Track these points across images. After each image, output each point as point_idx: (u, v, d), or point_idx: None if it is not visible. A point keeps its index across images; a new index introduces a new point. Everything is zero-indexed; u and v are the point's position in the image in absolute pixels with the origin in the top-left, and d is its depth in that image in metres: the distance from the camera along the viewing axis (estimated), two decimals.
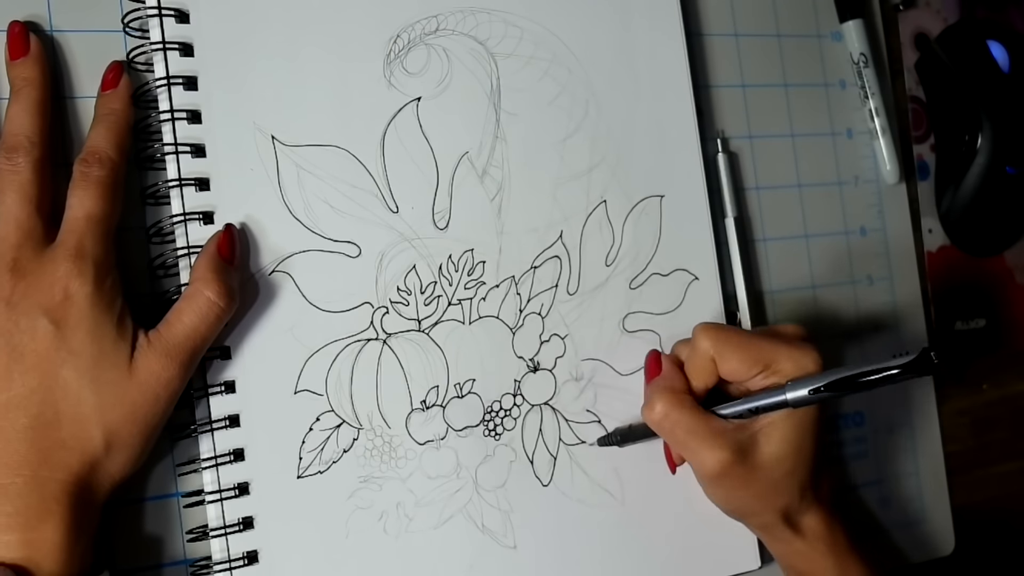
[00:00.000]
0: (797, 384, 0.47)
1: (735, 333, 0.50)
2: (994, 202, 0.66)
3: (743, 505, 0.50)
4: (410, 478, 0.49)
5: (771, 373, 0.48)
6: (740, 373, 0.49)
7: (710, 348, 0.49)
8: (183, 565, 0.45)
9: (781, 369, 0.48)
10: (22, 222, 0.41)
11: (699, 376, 0.50)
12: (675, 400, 0.49)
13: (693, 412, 0.49)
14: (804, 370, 0.48)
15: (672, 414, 0.49)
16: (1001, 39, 0.67)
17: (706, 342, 0.49)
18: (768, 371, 0.48)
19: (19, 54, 0.43)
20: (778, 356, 0.48)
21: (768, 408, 0.48)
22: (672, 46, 0.57)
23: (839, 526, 0.51)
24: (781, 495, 0.49)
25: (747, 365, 0.49)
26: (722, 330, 0.50)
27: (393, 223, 0.49)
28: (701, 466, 0.49)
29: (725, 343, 0.49)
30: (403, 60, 0.50)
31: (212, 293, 0.43)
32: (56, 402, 0.40)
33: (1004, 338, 0.68)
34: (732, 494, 0.50)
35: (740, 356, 0.49)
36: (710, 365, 0.49)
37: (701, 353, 0.49)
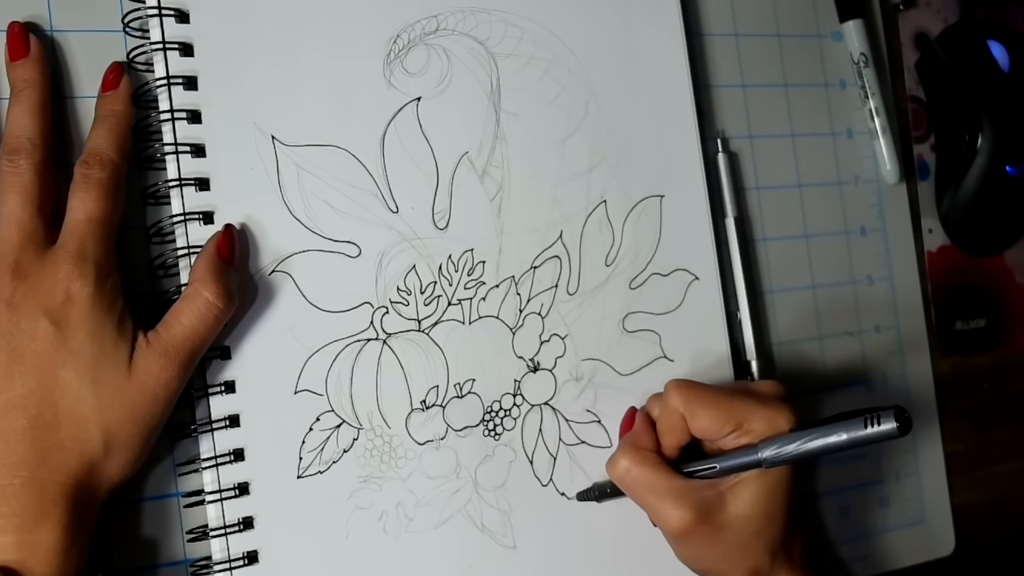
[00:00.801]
0: (767, 444, 0.46)
1: (707, 391, 0.48)
2: (994, 202, 0.66)
3: (710, 565, 0.49)
4: (410, 478, 0.49)
5: (743, 433, 0.47)
6: (711, 431, 0.48)
7: (679, 405, 0.48)
8: (183, 565, 0.45)
9: (753, 429, 0.47)
10: (24, 224, 0.41)
11: (670, 433, 0.49)
12: (638, 457, 0.48)
13: (655, 469, 0.48)
14: (776, 430, 0.47)
15: (633, 470, 0.48)
16: (1001, 39, 0.67)
17: (676, 399, 0.48)
18: (740, 431, 0.47)
19: (19, 55, 0.43)
20: (751, 416, 0.47)
21: (736, 468, 0.47)
22: (672, 46, 0.57)
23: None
24: (750, 556, 0.48)
25: (718, 424, 0.47)
26: (693, 387, 0.49)
27: (393, 223, 0.49)
28: (664, 524, 0.48)
29: (696, 401, 0.48)
30: (403, 60, 0.50)
31: (211, 294, 0.43)
32: (56, 403, 0.40)
33: (1004, 338, 0.68)
34: (698, 554, 0.48)
35: (711, 414, 0.48)
36: (680, 422, 0.48)
37: (671, 410, 0.48)
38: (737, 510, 0.47)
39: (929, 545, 0.63)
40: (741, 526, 0.47)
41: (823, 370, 0.60)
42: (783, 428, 0.47)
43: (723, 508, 0.47)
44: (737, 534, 0.47)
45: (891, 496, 0.62)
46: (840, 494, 0.60)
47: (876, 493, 0.61)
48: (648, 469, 0.48)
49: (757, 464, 0.46)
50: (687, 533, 0.47)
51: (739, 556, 0.48)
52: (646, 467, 0.48)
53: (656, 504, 0.48)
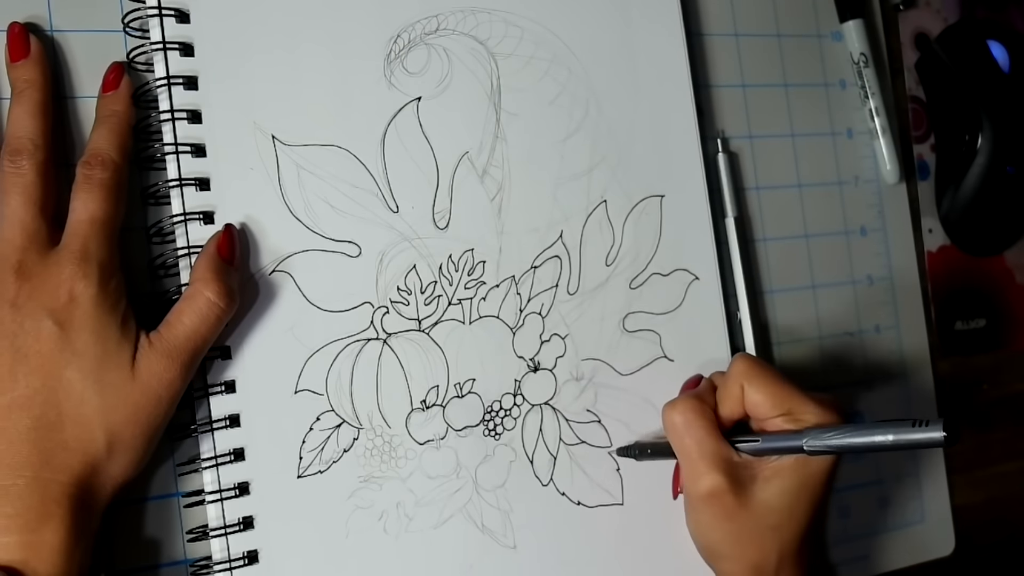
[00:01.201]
0: (812, 431, 0.46)
1: (770, 370, 0.49)
2: (994, 202, 0.66)
3: (717, 543, 0.49)
4: (410, 478, 0.49)
5: (792, 419, 0.48)
6: (763, 409, 0.48)
7: (741, 375, 0.49)
8: (183, 565, 0.45)
9: (802, 418, 0.48)
10: (27, 225, 0.41)
11: (727, 402, 0.50)
12: (697, 407, 0.49)
13: (708, 425, 0.48)
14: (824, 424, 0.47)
15: (689, 415, 0.48)
16: (1001, 39, 0.67)
17: (739, 367, 0.49)
18: (789, 416, 0.48)
19: (20, 56, 0.43)
20: (803, 406, 0.48)
21: (778, 449, 0.47)
22: (672, 46, 0.57)
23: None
24: (758, 548, 0.48)
25: (772, 402, 0.48)
26: (758, 362, 0.50)
27: (393, 223, 0.49)
28: (694, 482, 0.48)
29: (757, 375, 0.49)
30: (403, 60, 0.50)
31: (212, 294, 0.43)
32: (59, 403, 0.40)
33: (1004, 338, 0.68)
34: (711, 525, 0.48)
35: (768, 391, 0.48)
36: (738, 392, 0.49)
37: (732, 377, 0.49)
38: (764, 495, 0.47)
39: (929, 545, 0.63)
40: (762, 513, 0.47)
41: (823, 370, 0.60)
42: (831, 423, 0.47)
43: (752, 489, 0.47)
44: (756, 519, 0.47)
45: (891, 496, 0.62)
46: (840, 494, 0.60)
47: (876, 493, 0.61)
48: (702, 422, 0.48)
49: (798, 448, 0.46)
50: (711, 498, 0.47)
51: (749, 543, 0.48)
52: (702, 419, 0.48)
53: (696, 457, 0.48)
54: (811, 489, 0.48)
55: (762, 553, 0.48)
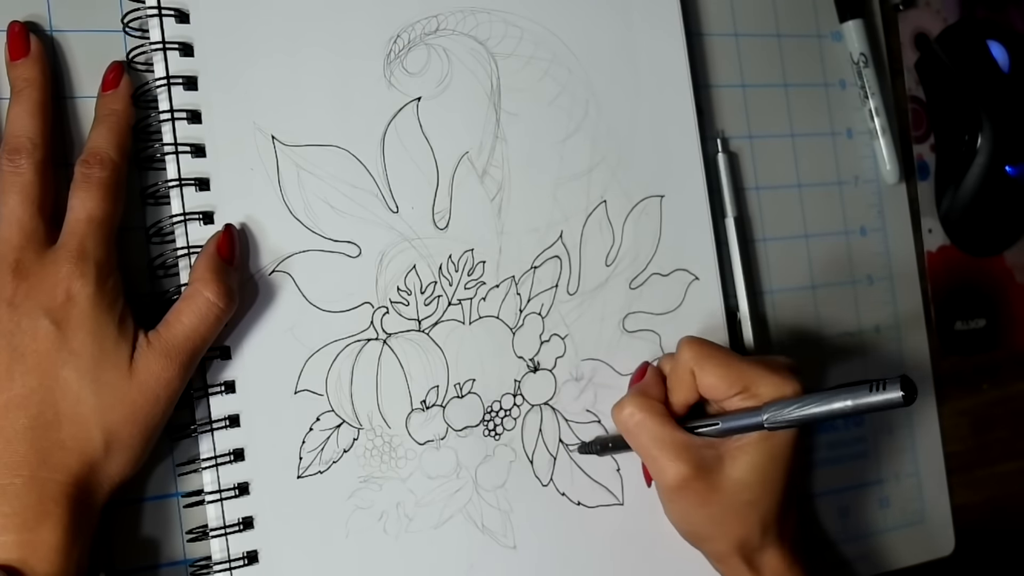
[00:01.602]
0: (770, 406, 0.46)
1: (718, 350, 0.49)
2: (994, 202, 0.66)
3: (699, 527, 0.49)
4: (410, 478, 0.49)
5: (749, 396, 0.48)
6: (718, 390, 0.48)
7: (690, 360, 0.48)
8: (183, 565, 0.45)
9: (759, 393, 0.47)
10: (25, 223, 0.41)
11: (679, 389, 0.49)
12: (644, 404, 0.48)
13: (661, 419, 0.48)
14: (783, 397, 0.47)
15: (637, 415, 0.48)
16: (1001, 39, 0.67)
17: (688, 353, 0.49)
18: (746, 393, 0.48)
19: (19, 55, 0.43)
20: (759, 380, 0.47)
21: (738, 429, 0.47)
22: (672, 46, 0.57)
23: (801, 568, 0.49)
24: (740, 524, 0.48)
25: (726, 383, 0.48)
26: (705, 344, 0.49)
27: (393, 223, 0.49)
28: (660, 476, 0.48)
29: (706, 358, 0.48)
30: (403, 60, 0.50)
31: (211, 294, 0.43)
32: (56, 403, 0.40)
33: (1004, 338, 0.68)
34: (689, 512, 0.48)
35: (720, 373, 0.48)
36: (689, 378, 0.49)
37: (682, 364, 0.49)
38: (735, 474, 0.47)
39: (929, 545, 0.63)
40: (736, 491, 0.47)
41: (823, 370, 0.60)
42: (789, 395, 0.47)
43: (721, 469, 0.47)
44: (731, 498, 0.47)
45: (891, 496, 0.62)
46: (840, 494, 0.60)
47: (876, 493, 0.61)
48: (653, 417, 0.48)
49: (759, 425, 0.46)
50: (681, 487, 0.47)
51: (730, 522, 0.48)
52: (652, 415, 0.48)
53: (656, 453, 0.48)
54: (780, 459, 0.48)
55: (745, 528, 0.48)
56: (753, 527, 0.48)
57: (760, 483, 0.48)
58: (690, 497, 0.48)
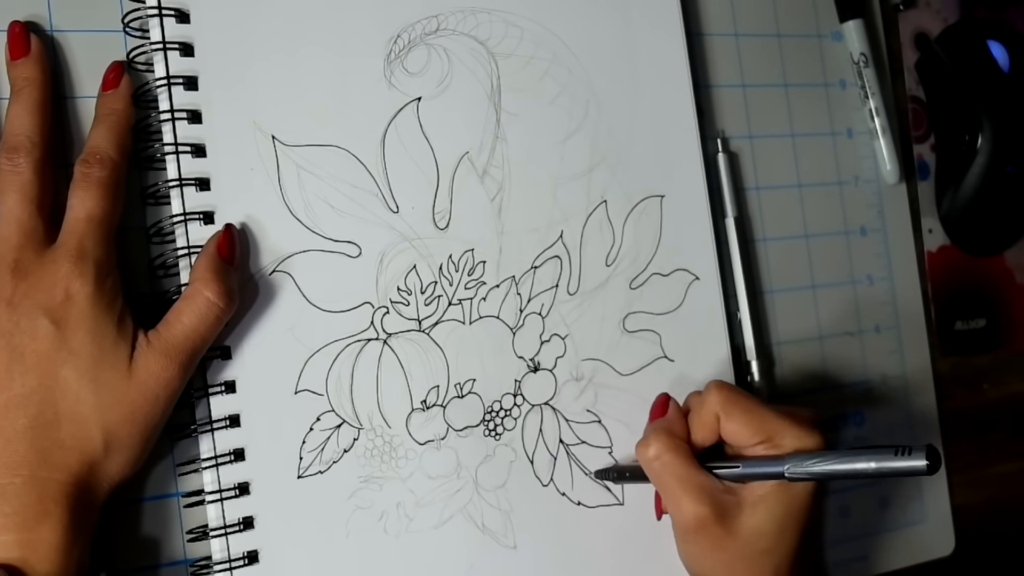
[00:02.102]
0: (793, 457, 0.46)
1: (745, 398, 0.49)
2: (994, 202, 0.66)
3: (710, 571, 0.48)
4: (410, 478, 0.49)
5: (772, 446, 0.47)
6: (741, 437, 0.48)
7: (717, 405, 0.48)
8: (183, 565, 0.45)
9: (782, 445, 0.47)
10: (24, 223, 0.41)
11: (701, 430, 0.49)
12: (671, 444, 0.48)
13: (686, 460, 0.48)
14: (805, 450, 0.47)
15: (665, 456, 0.48)
16: (1001, 39, 0.67)
17: (715, 397, 0.48)
18: (769, 444, 0.47)
19: (20, 54, 0.43)
20: (783, 431, 0.47)
21: (758, 475, 0.47)
22: (672, 46, 0.57)
23: None
24: (751, 573, 0.47)
25: (750, 431, 0.48)
26: (733, 391, 0.49)
27: (393, 223, 0.49)
28: (679, 516, 0.48)
29: (733, 404, 0.48)
30: (403, 60, 0.50)
31: (211, 294, 0.43)
32: (56, 402, 0.40)
33: (1004, 338, 0.68)
34: (703, 555, 0.48)
35: (745, 420, 0.48)
36: (714, 421, 0.48)
37: (708, 407, 0.49)
38: (752, 521, 0.47)
39: (929, 545, 0.63)
40: (752, 539, 0.47)
41: (823, 370, 0.60)
42: (810, 447, 0.47)
43: (739, 516, 0.47)
44: (746, 546, 0.47)
45: (891, 496, 0.62)
46: (840, 494, 0.60)
47: (876, 493, 0.61)
48: (680, 458, 0.48)
49: (779, 475, 0.46)
50: (698, 530, 0.47)
51: (741, 569, 0.47)
52: (679, 456, 0.48)
53: (679, 494, 0.47)
54: (798, 510, 0.47)
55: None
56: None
57: (777, 533, 0.47)
58: (706, 540, 0.47)
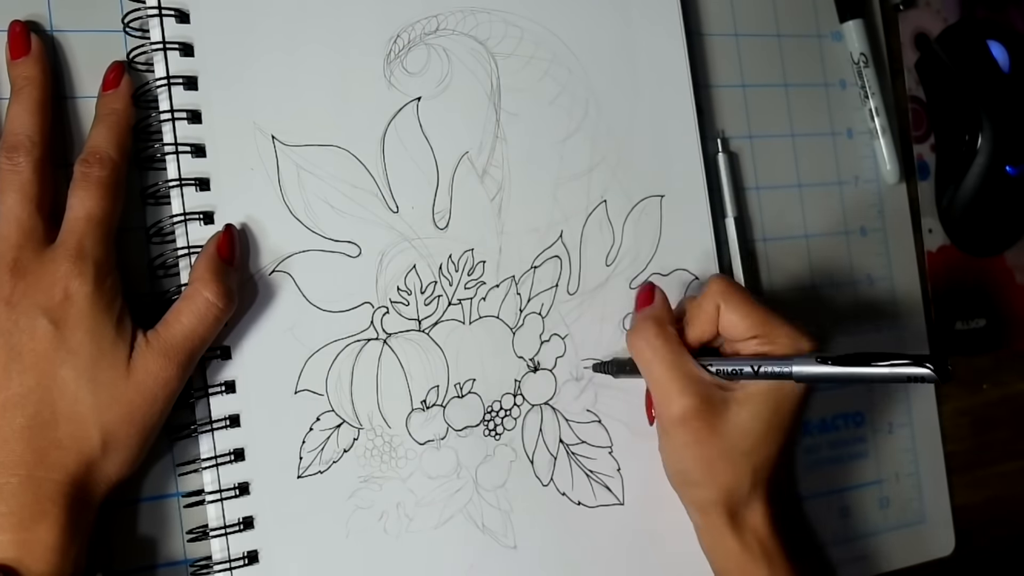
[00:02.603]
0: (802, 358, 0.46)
1: (745, 293, 0.49)
2: (994, 202, 0.66)
3: (690, 467, 0.48)
4: (410, 478, 0.49)
5: (766, 342, 0.48)
6: (737, 330, 0.48)
7: (718, 294, 0.49)
8: (183, 565, 0.45)
9: (776, 342, 0.48)
10: (23, 222, 0.41)
11: (699, 322, 0.49)
12: (661, 331, 0.49)
13: (676, 347, 0.48)
14: (798, 350, 0.47)
15: (655, 342, 0.48)
16: (1001, 39, 0.67)
17: (717, 287, 0.49)
18: (764, 339, 0.48)
19: (20, 53, 0.43)
20: (778, 329, 0.48)
21: (765, 375, 0.47)
22: (672, 46, 0.57)
23: (782, 534, 0.49)
24: (731, 472, 0.48)
25: (747, 324, 0.48)
26: (735, 284, 0.50)
27: (393, 223, 0.49)
28: (665, 406, 0.48)
29: (733, 295, 0.49)
30: (403, 60, 0.50)
31: (211, 294, 0.43)
32: (54, 402, 0.40)
33: (1004, 338, 0.68)
34: (684, 450, 0.48)
35: (743, 312, 0.48)
36: (714, 312, 0.49)
37: (708, 297, 0.49)
38: (738, 419, 0.47)
39: (929, 545, 0.63)
40: (735, 437, 0.47)
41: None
42: (805, 349, 0.47)
43: (725, 412, 0.47)
44: (728, 443, 0.47)
45: (891, 496, 0.62)
46: (840, 494, 0.60)
47: (876, 493, 0.61)
48: (670, 344, 0.48)
49: (786, 375, 0.46)
50: (683, 421, 0.47)
51: (723, 469, 0.48)
52: (668, 342, 0.48)
53: (667, 381, 0.48)
54: (784, 414, 0.48)
55: (735, 478, 0.48)
56: (743, 478, 0.48)
57: (759, 434, 0.48)
58: (688, 434, 0.47)
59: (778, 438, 0.48)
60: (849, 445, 0.61)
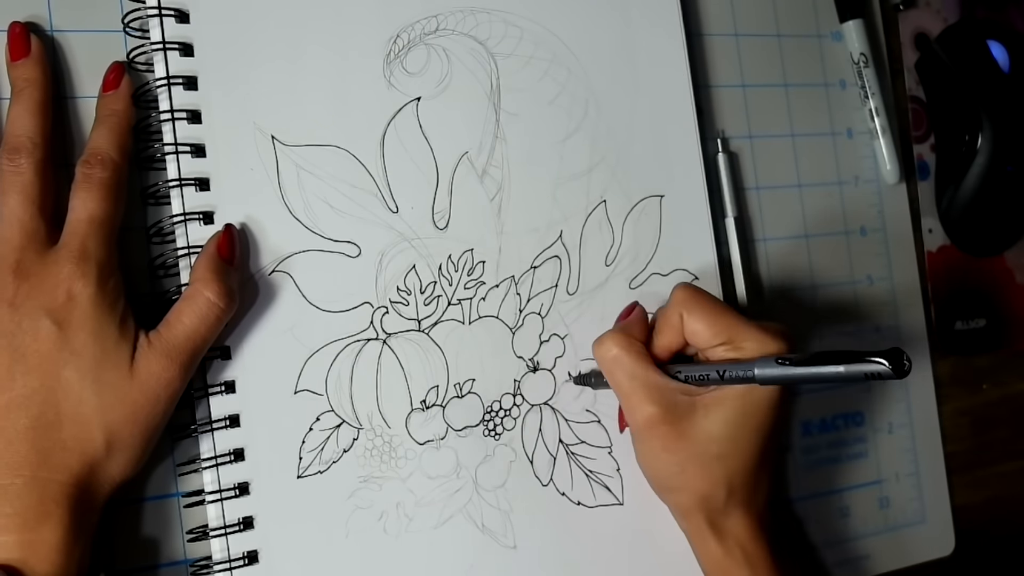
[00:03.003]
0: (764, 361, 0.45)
1: (710, 298, 0.49)
2: (994, 202, 0.66)
3: (663, 474, 0.49)
4: (410, 478, 0.49)
5: (733, 348, 0.47)
6: (703, 337, 0.48)
7: (681, 303, 0.49)
8: (183, 565, 0.45)
9: (744, 347, 0.47)
10: (25, 224, 0.41)
11: (665, 332, 0.49)
12: (625, 343, 0.49)
13: (638, 357, 0.48)
14: (766, 354, 0.46)
15: (614, 351, 0.48)
16: (1001, 39, 0.67)
17: (680, 296, 0.49)
18: (731, 345, 0.48)
19: (20, 55, 0.43)
20: (745, 333, 0.47)
21: (730, 380, 0.46)
22: (672, 46, 0.57)
23: (765, 540, 0.49)
24: (705, 479, 0.48)
25: (712, 331, 0.48)
26: (698, 291, 0.49)
27: (393, 223, 0.49)
28: (631, 414, 0.48)
29: (697, 303, 0.48)
30: (403, 60, 0.50)
31: (212, 294, 0.43)
32: (58, 403, 0.40)
33: (1004, 338, 0.68)
34: (655, 457, 0.48)
35: (708, 319, 0.48)
36: (677, 321, 0.49)
37: (672, 306, 0.49)
38: (705, 424, 0.47)
39: (929, 545, 0.63)
40: (703, 442, 0.47)
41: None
42: (772, 352, 0.46)
43: (692, 417, 0.47)
44: (697, 448, 0.47)
45: (891, 496, 0.62)
46: (840, 494, 0.60)
47: (876, 493, 0.61)
48: (631, 354, 0.48)
49: (749, 378, 0.45)
50: (650, 427, 0.47)
51: (695, 474, 0.48)
52: (629, 352, 0.48)
53: (630, 391, 0.48)
54: (755, 418, 0.47)
55: (710, 483, 0.48)
56: (717, 484, 0.48)
57: (729, 439, 0.47)
58: (657, 440, 0.48)
59: (752, 443, 0.48)
60: (849, 445, 0.61)
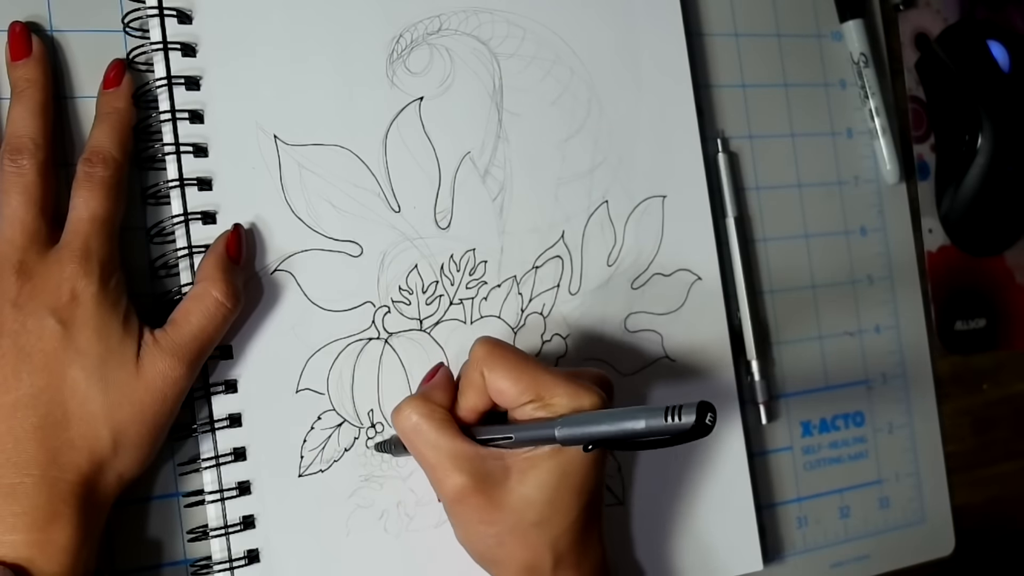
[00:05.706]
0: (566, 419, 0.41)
1: (513, 352, 0.45)
2: (994, 202, 0.66)
3: (483, 548, 0.45)
4: (411, 477, 0.49)
5: (542, 406, 0.43)
6: (508, 396, 0.44)
7: (481, 361, 0.44)
8: (183, 565, 0.45)
9: (554, 404, 0.43)
10: (27, 224, 0.41)
11: (469, 392, 0.45)
12: (426, 409, 0.44)
13: (439, 424, 0.44)
14: (578, 410, 0.43)
15: (413, 418, 0.44)
16: (1001, 39, 0.67)
17: (479, 352, 0.44)
18: (539, 403, 0.43)
19: (21, 55, 0.43)
20: (553, 389, 0.43)
21: (530, 440, 0.43)
22: (673, 46, 0.57)
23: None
24: (527, 547, 0.43)
25: (518, 388, 0.43)
26: (500, 345, 0.45)
27: (395, 223, 0.49)
28: (438, 487, 0.44)
29: (498, 359, 0.44)
30: (406, 60, 0.50)
31: (219, 293, 0.43)
32: (65, 402, 0.40)
33: (1004, 338, 0.68)
34: (472, 530, 0.44)
35: (512, 376, 0.43)
36: (480, 380, 0.44)
37: (472, 364, 0.45)
38: (521, 490, 0.43)
39: (929, 545, 0.63)
40: (521, 509, 0.43)
41: (823, 370, 0.61)
42: (586, 407, 0.43)
43: (506, 484, 0.43)
44: (515, 516, 0.43)
45: (891, 496, 0.62)
46: (840, 494, 0.60)
47: (876, 493, 0.61)
48: (431, 422, 0.44)
49: (551, 439, 0.42)
50: (461, 500, 0.43)
51: (515, 544, 0.43)
52: (430, 420, 0.44)
53: (434, 462, 0.43)
54: (574, 478, 0.43)
55: (532, 552, 0.43)
56: (541, 552, 0.43)
57: (548, 502, 0.43)
58: (471, 512, 0.43)
59: (574, 504, 0.44)
60: (849, 445, 0.61)
